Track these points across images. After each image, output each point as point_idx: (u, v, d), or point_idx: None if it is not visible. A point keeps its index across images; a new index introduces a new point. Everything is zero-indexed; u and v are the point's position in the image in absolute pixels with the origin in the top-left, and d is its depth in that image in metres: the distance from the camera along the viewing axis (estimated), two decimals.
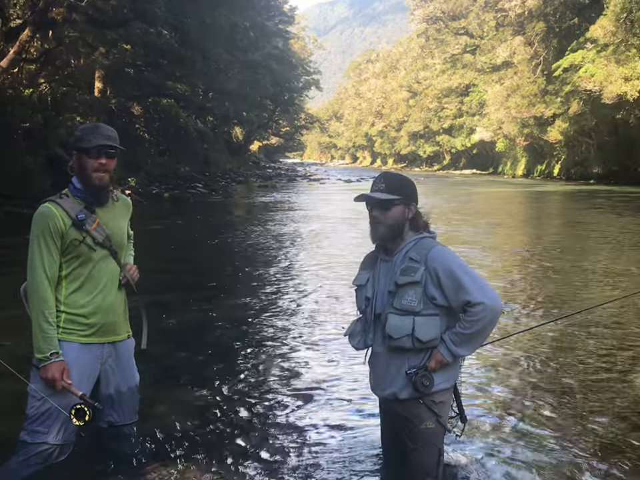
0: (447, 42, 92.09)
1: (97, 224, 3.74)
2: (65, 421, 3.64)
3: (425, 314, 3.43)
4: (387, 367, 3.59)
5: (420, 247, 3.54)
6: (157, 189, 31.83)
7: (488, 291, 3.42)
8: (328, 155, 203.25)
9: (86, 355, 3.74)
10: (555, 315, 8.28)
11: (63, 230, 3.64)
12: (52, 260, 3.63)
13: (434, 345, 3.46)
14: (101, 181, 3.74)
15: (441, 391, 3.53)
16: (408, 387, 3.49)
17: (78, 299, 3.72)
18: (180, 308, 9.15)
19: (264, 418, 5.34)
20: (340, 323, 8.09)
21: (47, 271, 3.62)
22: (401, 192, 3.59)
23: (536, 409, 5.47)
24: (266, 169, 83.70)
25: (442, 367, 3.48)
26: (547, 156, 64.68)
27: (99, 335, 3.79)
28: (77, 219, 3.67)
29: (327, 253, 14.70)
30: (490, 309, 3.36)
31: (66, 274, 3.71)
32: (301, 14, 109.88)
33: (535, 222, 23.28)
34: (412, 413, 3.53)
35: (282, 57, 68.78)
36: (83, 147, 3.70)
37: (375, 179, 3.73)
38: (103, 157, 3.70)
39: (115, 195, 3.98)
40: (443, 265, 3.44)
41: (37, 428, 3.65)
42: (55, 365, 3.56)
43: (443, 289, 3.43)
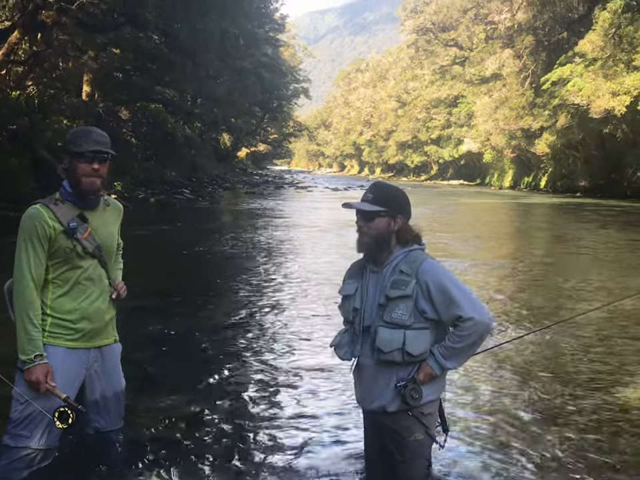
0: (437, 53, 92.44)
1: (88, 233, 3.71)
2: (49, 425, 3.60)
3: (415, 327, 3.41)
4: (375, 379, 3.54)
5: (410, 259, 3.51)
6: (143, 194, 31.70)
7: (479, 306, 3.42)
8: (316, 163, 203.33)
9: (72, 359, 3.71)
10: (529, 328, 8.35)
11: (52, 235, 3.60)
12: (38, 262, 3.60)
13: (423, 358, 3.45)
14: (92, 186, 3.71)
15: (429, 402, 3.51)
16: (397, 399, 3.46)
17: (64, 303, 3.69)
18: (164, 314, 9.10)
19: (247, 426, 5.32)
20: (325, 331, 8.09)
21: (33, 273, 3.58)
22: (387, 204, 3.54)
23: (519, 419, 5.50)
24: (253, 175, 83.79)
25: (430, 380, 3.47)
26: (534, 168, 64.96)
27: (85, 340, 3.76)
28: (69, 227, 3.64)
29: (311, 262, 14.69)
30: (480, 324, 3.36)
31: (53, 278, 3.68)
32: (291, 22, 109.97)
33: (520, 234, 23.32)
34: (401, 425, 3.52)
35: (272, 65, 68.72)
36: (74, 151, 3.67)
37: (367, 188, 3.70)
38: (95, 162, 3.67)
39: (106, 199, 3.95)
40: (434, 279, 3.42)
41: (20, 432, 3.61)
42: (39, 368, 3.53)
43: (433, 302, 3.41)
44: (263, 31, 64.46)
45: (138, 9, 27.48)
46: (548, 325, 7.96)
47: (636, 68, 40.50)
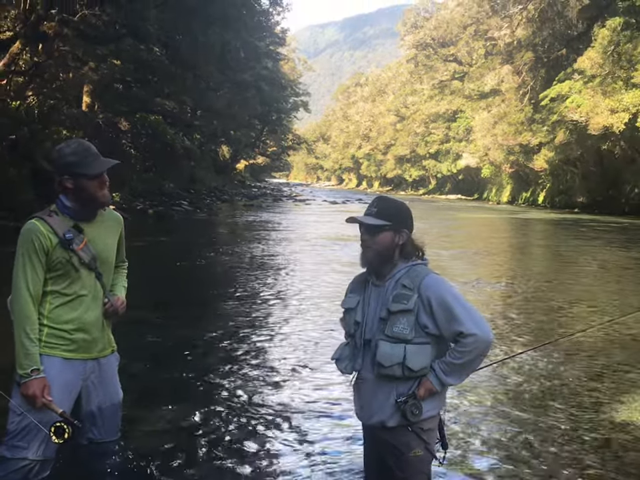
0: (436, 68, 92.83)
1: (84, 244, 3.71)
2: (46, 437, 3.59)
3: (416, 342, 3.39)
4: (374, 394, 3.52)
5: (413, 274, 3.50)
6: (141, 205, 31.73)
7: (480, 322, 3.39)
8: (314, 176, 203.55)
9: (68, 370, 3.71)
10: (527, 345, 8.33)
11: (49, 248, 3.60)
12: (36, 277, 3.60)
13: (424, 373, 3.42)
14: (106, 198, 3.78)
15: (429, 418, 3.49)
16: (396, 414, 3.43)
17: (62, 314, 3.68)
18: (162, 326, 9.13)
19: (244, 438, 5.29)
20: (323, 345, 8.11)
21: (30, 288, 3.58)
22: (391, 218, 3.55)
23: (516, 437, 5.47)
24: (252, 188, 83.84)
25: (430, 395, 3.44)
26: (532, 184, 65.03)
27: (82, 351, 3.76)
28: (64, 238, 3.63)
29: (311, 274, 14.69)
30: (481, 340, 3.35)
31: (51, 290, 3.68)
32: (291, 36, 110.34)
33: (518, 251, 23.24)
34: (400, 440, 3.49)
35: (272, 78, 68.91)
36: (83, 172, 3.65)
37: (371, 201, 3.69)
38: (103, 175, 3.74)
39: (103, 210, 3.95)
40: (436, 294, 3.41)
41: (17, 443, 3.61)
42: (35, 382, 3.53)
43: (435, 318, 3.39)
44: (264, 44, 64.75)
45: (139, 21, 27.60)
46: (544, 342, 7.94)
47: (635, 85, 40.63)
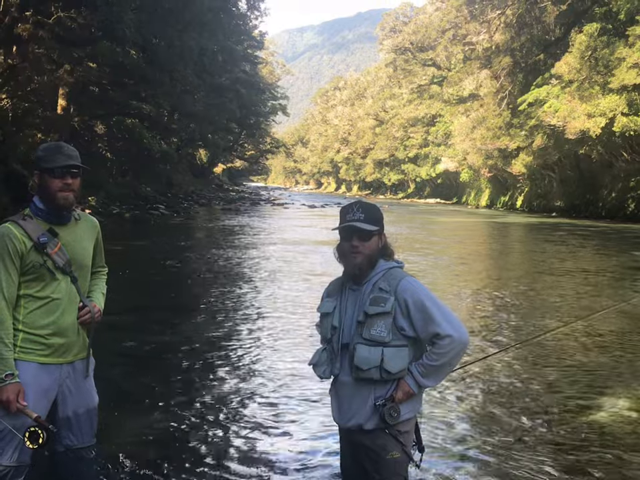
0: (415, 72, 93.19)
1: (58, 247, 3.68)
2: (20, 442, 3.53)
3: (393, 345, 3.40)
4: (352, 397, 3.52)
5: (389, 277, 3.51)
6: (117, 209, 31.59)
7: (456, 324, 3.41)
8: (292, 180, 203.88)
9: (44, 375, 3.65)
10: (504, 345, 8.54)
11: (23, 251, 3.58)
12: (10, 281, 3.57)
13: (401, 375, 3.44)
14: (66, 200, 3.69)
15: (406, 420, 3.49)
16: (374, 417, 3.44)
17: (37, 318, 3.64)
18: (138, 330, 9.16)
19: (223, 443, 5.32)
20: (301, 348, 8.24)
21: (5, 292, 3.55)
22: (378, 222, 3.58)
23: (492, 437, 5.56)
24: (229, 192, 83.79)
25: (408, 398, 3.45)
26: (511, 188, 65.45)
27: (58, 356, 3.71)
28: (39, 242, 3.61)
29: (288, 279, 14.71)
30: (458, 341, 3.37)
31: (25, 294, 3.64)
32: (270, 39, 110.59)
33: (496, 254, 23.32)
34: (377, 443, 3.48)
35: (250, 81, 68.95)
36: (46, 167, 3.66)
37: (349, 207, 3.63)
38: (67, 176, 3.67)
39: (77, 214, 3.91)
40: (413, 297, 3.42)
41: None
42: (10, 387, 3.47)
43: (412, 320, 3.41)
44: (242, 47, 64.78)
45: (116, 24, 27.28)
46: (517, 343, 8.18)
47: (611, 90, 40.88)
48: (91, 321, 3.85)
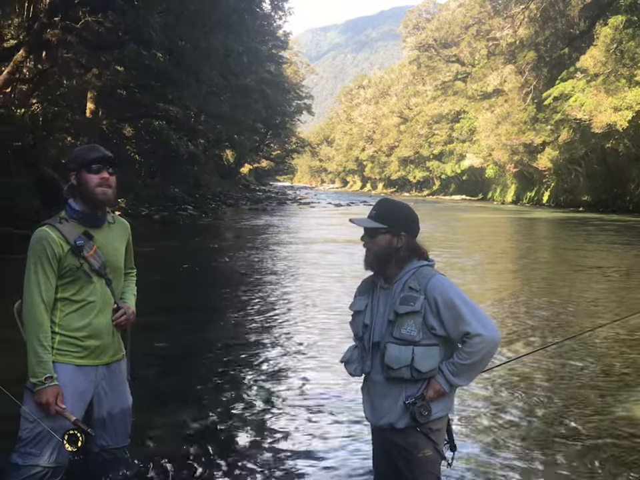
0: (439, 69, 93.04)
1: (94, 250, 3.73)
2: (58, 444, 3.60)
3: (424, 344, 3.41)
4: (383, 395, 3.54)
5: (419, 275, 3.51)
6: (146, 211, 31.69)
7: (487, 322, 3.39)
8: (318, 179, 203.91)
9: (80, 376, 3.71)
10: (539, 345, 8.32)
11: (61, 254, 3.62)
12: (48, 284, 3.61)
13: (432, 374, 3.43)
14: (105, 195, 3.75)
15: (437, 419, 3.49)
16: (405, 416, 3.44)
17: (73, 321, 3.69)
18: (170, 331, 9.14)
19: (257, 442, 5.32)
20: (333, 347, 8.12)
21: (43, 295, 3.59)
22: (388, 221, 3.56)
23: (526, 438, 5.48)
24: (256, 191, 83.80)
25: (439, 397, 3.45)
26: (537, 183, 65.07)
27: (93, 357, 3.77)
28: (75, 245, 3.65)
29: (316, 278, 14.69)
30: (488, 340, 3.36)
31: (62, 297, 3.69)
32: (294, 39, 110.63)
33: (525, 251, 23.09)
34: (409, 441, 3.49)
35: (274, 82, 69.12)
36: (83, 163, 3.73)
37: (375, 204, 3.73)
38: (104, 171, 3.74)
39: (111, 216, 3.98)
40: (442, 295, 3.42)
41: (30, 450, 3.61)
42: (49, 390, 3.54)
43: (441, 319, 3.40)
44: (266, 48, 64.90)
45: (142, 27, 27.58)
46: (553, 342, 7.97)
47: (637, 83, 40.65)
48: (126, 322, 3.93)
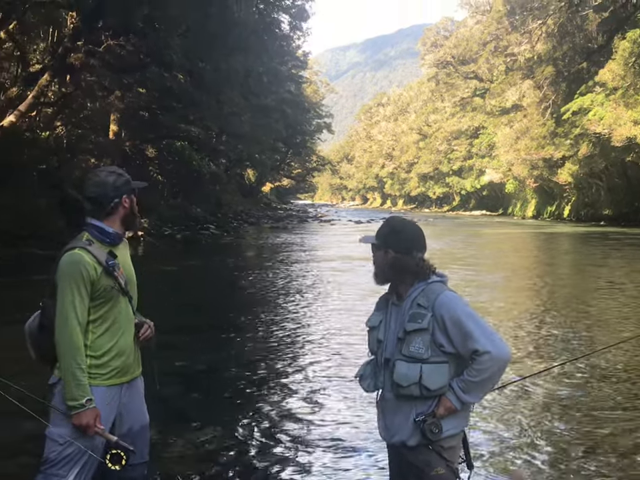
0: (457, 86, 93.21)
1: (121, 270, 3.79)
2: (86, 465, 3.62)
3: (432, 361, 3.38)
4: (394, 413, 3.52)
5: (429, 292, 3.48)
6: (169, 231, 32.02)
7: (495, 339, 3.34)
8: (339, 197, 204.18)
9: (109, 397, 3.74)
10: (560, 360, 8.32)
11: (94, 277, 3.64)
12: (83, 307, 3.62)
13: (442, 392, 3.39)
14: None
15: (450, 436, 3.43)
16: (416, 434, 3.40)
17: (103, 343, 3.72)
18: (190, 349, 9.23)
19: (276, 461, 5.38)
20: (352, 364, 8.11)
21: (80, 319, 3.60)
22: (380, 237, 3.63)
23: (549, 455, 5.53)
24: (277, 210, 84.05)
25: (451, 414, 3.40)
26: (557, 197, 64.92)
27: (119, 377, 3.79)
28: (108, 266, 3.69)
29: (336, 296, 14.73)
30: (497, 358, 3.30)
31: (93, 319, 3.70)
32: (313, 59, 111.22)
33: (546, 266, 23.05)
34: (421, 459, 3.43)
35: (295, 101, 69.47)
36: (133, 188, 3.89)
37: None
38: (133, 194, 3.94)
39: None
40: (449, 312, 3.38)
41: (57, 472, 3.59)
42: (89, 412, 3.55)
43: (450, 336, 3.37)
44: (286, 68, 65.33)
45: (163, 50, 28.09)
46: (572, 358, 7.95)
47: None
48: (152, 336, 3.96)
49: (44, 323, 3.71)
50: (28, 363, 4.05)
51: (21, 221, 20.28)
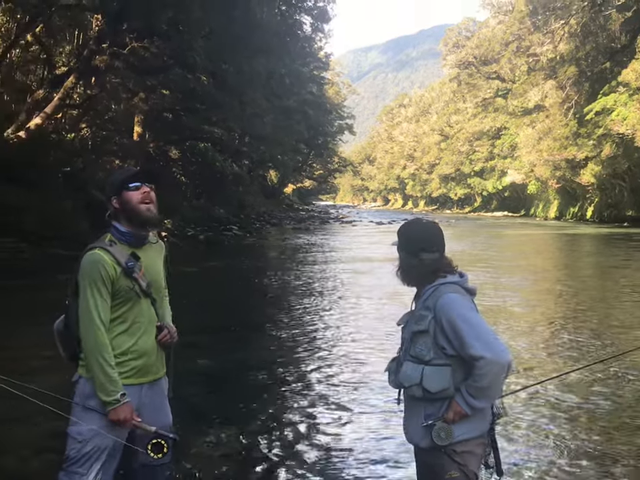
0: (479, 86, 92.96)
1: (142, 271, 3.80)
2: (106, 462, 3.67)
3: (434, 364, 3.36)
4: (409, 414, 3.54)
5: (436, 293, 3.45)
6: (192, 231, 32.11)
7: (492, 344, 3.27)
8: (360, 198, 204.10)
9: (127, 396, 3.69)
10: (582, 363, 8.21)
11: (114, 277, 3.67)
12: (105, 305, 3.66)
13: (447, 395, 3.36)
14: (150, 212, 3.81)
15: (463, 441, 3.37)
16: (427, 436, 3.38)
17: (123, 341, 3.74)
18: (213, 349, 9.28)
19: (298, 460, 5.41)
20: (377, 363, 8.14)
21: (102, 317, 3.64)
22: (398, 240, 3.65)
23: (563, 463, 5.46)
24: (299, 211, 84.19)
25: (461, 418, 3.34)
26: (580, 198, 64.52)
27: (138, 377, 3.81)
28: (127, 267, 3.71)
29: (359, 295, 14.74)
30: (493, 363, 3.22)
31: (113, 317, 3.73)
32: (335, 60, 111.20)
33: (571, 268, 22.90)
34: (436, 462, 3.39)
35: (316, 102, 69.63)
36: (122, 184, 3.79)
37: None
38: (143, 186, 3.80)
39: (153, 236, 4.02)
40: (446, 315, 3.34)
41: (78, 469, 3.63)
42: (126, 407, 3.61)
43: (449, 339, 3.33)
44: (308, 69, 65.47)
45: (187, 52, 28.33)
46: (592, 362, 7.88)
47: None
48: (171, 341, 3.94)
49: (67, 322, 3.80)
50: (55, 361, 4.09)
51: (46, 222, 20.57)
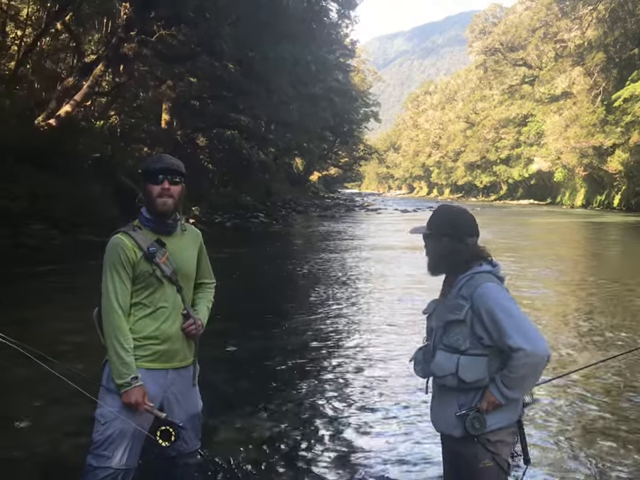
0: (505, 73, 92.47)
1: (166, 257, 3.81)
2: (128, 445, 3.72)
3: (470, 353, 3.33)
4: (440, 403, 3.52)
5: (472, 282, 3.41)
6: (219, 218, 32.45)
7: (531, 336, 3.22)
8: (385, 186, 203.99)
9: (149, 380, 3.77)
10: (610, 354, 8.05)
11: (134, 261, 3.72)
12: (124, 289, 3.73)
13: (481, 385, 3.34)
14: (165, 206, 3.80)
15: (496, 430, 3.36)
16: (460, 426, 3.36)
17: (145, 326, 3.79)
18: (241, 336, 9.32)
19: (325, 447, 5.46)
20: (402, 353, 8.17)
21: (120, 300, 3.70)
22: (433, 226, 3.59)
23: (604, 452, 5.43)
24: (325, 199, 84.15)
25: (495, 408, 3.33)
26: (607, 186, 64.08)
27: (163, 361, 3.84)
28: (148, 252, 3.75)
29: (384, 288, 14.68)
30: (531, 355, 3.18)
31: (135, 302, 3.79)
32: (361, 47, 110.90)
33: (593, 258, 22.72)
34: (468, 451, 3.39)
35: (342, 90, 69.46)
36: (146, 174, 3.84)
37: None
38: (165, 182, 3.80)
39: (183, 224, 4.02)
40: (485, 305, 3.30)
41: (102, 452, 3.70)
42: (137, 390, 3.65)
43: (487, 329, 3.29)
44: (334, 56, 65.32)
45: (214, 39, 28.45)
46: (621, 353, 7.82)
47: None
48: (195, 332, 3.94)
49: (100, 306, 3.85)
50: (85, 347, 4.16)
51: (77, 208, 20.88)
